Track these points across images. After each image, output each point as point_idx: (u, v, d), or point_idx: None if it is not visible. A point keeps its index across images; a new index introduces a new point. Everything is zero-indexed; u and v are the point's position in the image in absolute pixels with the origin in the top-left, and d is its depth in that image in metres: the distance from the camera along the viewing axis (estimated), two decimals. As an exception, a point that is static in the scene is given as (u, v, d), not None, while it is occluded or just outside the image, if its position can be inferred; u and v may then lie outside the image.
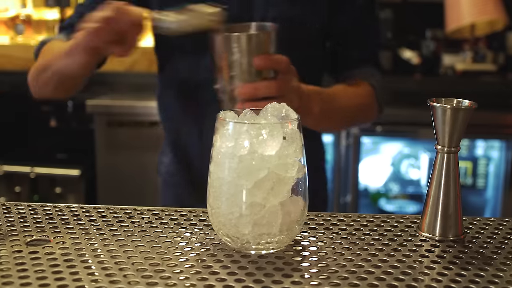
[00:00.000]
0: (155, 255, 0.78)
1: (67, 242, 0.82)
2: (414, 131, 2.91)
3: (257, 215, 0.76)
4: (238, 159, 0.76)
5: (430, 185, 0.88)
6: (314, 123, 1.26)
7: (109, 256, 0.78)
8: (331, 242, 0.85)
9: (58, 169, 3.19)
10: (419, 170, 3.35)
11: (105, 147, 3.14)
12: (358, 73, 1.48)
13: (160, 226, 0.89)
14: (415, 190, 3.39)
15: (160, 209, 0.96)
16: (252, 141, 0.75)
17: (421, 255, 0.81)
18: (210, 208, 0.81)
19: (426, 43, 3.50)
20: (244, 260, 0.77)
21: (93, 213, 0.94)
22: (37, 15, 3.59)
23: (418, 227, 0.90)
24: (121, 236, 0.85)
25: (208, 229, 0.88)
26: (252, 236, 0.78)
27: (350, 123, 1.71)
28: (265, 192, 0.76)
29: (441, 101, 0.85)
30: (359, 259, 0.79)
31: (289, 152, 0.77)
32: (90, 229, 0.87)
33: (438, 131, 0.85)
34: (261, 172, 0.75)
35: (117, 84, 3.52)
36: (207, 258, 0.78)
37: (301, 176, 0.79)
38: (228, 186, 0.77)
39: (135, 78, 3.46)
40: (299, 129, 0.79)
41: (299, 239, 0.86)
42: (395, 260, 0.78)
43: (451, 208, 0.87)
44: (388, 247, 0.83)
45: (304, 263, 0.77)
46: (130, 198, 3.09)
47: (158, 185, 1.70)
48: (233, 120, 0.77)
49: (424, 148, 3.29)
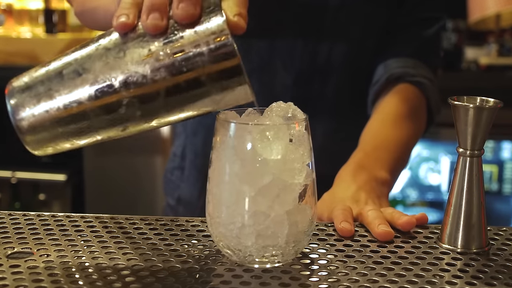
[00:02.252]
0: (149, 269, 0.78)
1: (51, 255, 0.82)
2: (434, 132, 2.91)
3: (261, 225, 0.76)
4: (240, 163, 0.76)
5: (451, 191, 0.88)
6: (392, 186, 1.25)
7: (98, 270, 0.78)
8: (343, 255, 0.84)
9: (41, 174, 3.20)
10: (440, 175, 3.35)
11: (94, 149, 3.14)
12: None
13: (154, 237, 0.89)
14: (435, 196, 3.39)
15: (154, 218, 0.97)
16: (256, 144, 0.75)
17: (442, 269, 0.81)
18: (209, 218, 0.81)
19: (447, 35, 3.50)
20: (246, 275, 0.77)
21: (80, 222, 0.94)
22: (19, 4, 3.59)
23: (438, 238, 0.90)
24: (111, 248, 0.85)
25: (207, 240, 0.88)
26: (256, 248, 0.78)
27: (410, 153, 1.44)
28: (270, 200, 0.76)
29: (463, 99, 0.85)
30: (373, 273, 0.78)
31: (296, 156, 0.77)
32: (77, 240, 0.87)
33: (460, 133, 0.85)
34: (266, 178, 0.75)
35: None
36: (206, 272, 0.78)
37: (310, 182, 0.79)
38: (229, 193, 0.77)
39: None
40: (307, 131, 0.79)
41: (307, 251, 0.86)
42: (412, 275, 0.78)
43: (474, 217, 0.87)
44: (405, 260, 0.83)
45: (313, 277, 0.77)
46: (121, 206, 3.09)
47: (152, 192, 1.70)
48: (235, 121, 0.77)
49: (445, 150, 3.29)
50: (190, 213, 1.53)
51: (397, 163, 1.25)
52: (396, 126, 1.29)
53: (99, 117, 0.77)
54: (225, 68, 0.75)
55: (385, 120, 1.30)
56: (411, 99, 1.34)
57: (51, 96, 0.77)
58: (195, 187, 1.52)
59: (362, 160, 1.17)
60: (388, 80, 1.34)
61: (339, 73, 1.39)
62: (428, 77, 1.37)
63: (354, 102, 1.42)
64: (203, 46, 0.74)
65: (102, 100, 0.76)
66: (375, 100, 1.36)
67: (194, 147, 1.52)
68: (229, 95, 0.77)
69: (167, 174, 1.63)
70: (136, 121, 0.78)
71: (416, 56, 1.38)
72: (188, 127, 1.55)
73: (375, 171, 1.15)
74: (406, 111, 1.31)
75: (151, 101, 0.76)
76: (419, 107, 1.35)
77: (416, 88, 1.34)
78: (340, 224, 0.92)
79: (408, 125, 1.31)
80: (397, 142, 1.27)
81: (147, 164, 3.08)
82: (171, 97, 0.76)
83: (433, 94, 1.36)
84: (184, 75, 0.75)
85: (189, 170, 1.54)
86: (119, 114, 0.77)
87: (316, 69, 1.39)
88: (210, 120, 1.36)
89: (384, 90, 1.35)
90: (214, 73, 0.75)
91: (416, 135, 1.34)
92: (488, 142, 3.09)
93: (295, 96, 1.38)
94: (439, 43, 1.46)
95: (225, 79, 0.75)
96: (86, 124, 0.77)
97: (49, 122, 0.78)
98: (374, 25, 1.39)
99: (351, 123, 1.38)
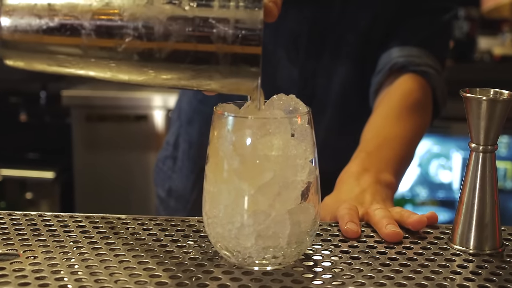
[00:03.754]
0: (142, 272, 0.78)
1: (39, 257, 0.82)
2: (445, 127, 2.91)
3: (261, 225, 0.76)
4: (238, 159, 0.76)
5: (463, 189, 0.88)
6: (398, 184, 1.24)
7: (88, 273, 0.78)
8: (348, 257, 0.85)
9: (29, 171, 3.20)
10: (451, 172, 3.35)
11: (84, 145, 3.14)
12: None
13: (148, 238, 0.89)
14: (446, 195, 3.39)
15: (147, 218, 0.97)
16: (255, 139, 0.75)
17: (453, 271, 0.81)
18: (206, 217, 0.81)
19: (459, 24, 3.49)
20: (246, 278, 0.77)
21: (69, 222, 0.94)
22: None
23: (449, 239, 0.90)
24: (102, 249, 0.85)
25: (204, 241, 0.88)
26: (256, 250, 0.78)
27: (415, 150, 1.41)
28: (270, 199, 0.76)
29: (476, 91, 0.85)
30: (380, 276, 0.78)
31: (298, 152, 0.77)
32: (66, 241, 0.87)
33: (472, 127, 0.85)
34: (266, 175, 0.75)
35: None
36: (203, 275, 0.78)
37: (313, 180, 0.79)
38: (227, 191, 0.77)
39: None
40: (310, 125, 0.79)
41: (310, 252, 0.86)
42: (422, 277, 0.78)
43: (487, 217, 0.87)
44: (414, 262, 0.83)
45: (316, 281, 0.77)
46: (113, 205, 3.10)
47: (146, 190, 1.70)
48: (233, 114, 0.77)
49: (457, 146, 3.29)
50: (182, 206, 1.52)
51: (402, 163, 1.24)
52: (400, 121, 1.28)
53: (93, 49, 0.76)
54: (245, 53, 0.75)
55: (388, 115, 1.29)
56: (415, 90, 1.32)
57: (50, 9, 0.76)
58: (189, 179, 1.52)
59: (365, 161, 1.16)
60: (391, 70, 1.33)
61: (346, 65, 1.39)
62: (434, 66, 1.36)
63: (360, 96, 1.42)
64: (232, 19, 0.74)
65: (104, 28, 0.75)
66: (378, 91, 1.35)
67: (189, 137, 1.52)
68: (236, 81, 0.77)
69: (159, 163, 1.63)
70: (128, 66, 0.77)
71: (422, 45, 1.37)
72: (183, 114, 1.55)
73: (379, 173, 1.14)
74: (410, 105, 1.30)
75: (155, 51, 0.76)
76: (424, 99, 1.34)
77: (421, 78, 1.33)
78: (346, 225, 0.92)
79: (413, 119, 1.30)
80: (401, 139, 1.25)
81: (140, 161, 3.09)
82: (177, 57, 0.76)
83: (439, 84, 1.35)
84: (200, 39, 0.75)
85: (182, 160, 1.54)
86: (115, 51, 0.76)
87: (322, 61, 1.39)
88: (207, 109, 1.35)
89: (387, 80, 1.34)
90: (231, 53, 0.75)
91: (422, 130, 1.33)
92: (502, 137, 3.09)
93: (299, 89, 1.38)
94: (449, 34, 1.46)
95: (240, 64, 0.75)
96: (78, 52, 0.76)
97: (37, 37, 0.76)
98: (384, 14, 1.39)
99: (356, 119, 1.38)
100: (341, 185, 1.12)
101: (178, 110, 1.60)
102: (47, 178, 3.17)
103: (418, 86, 1.33)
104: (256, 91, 0.78)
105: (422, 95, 1.33)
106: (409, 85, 1.32)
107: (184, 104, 1.56)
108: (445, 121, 2.80)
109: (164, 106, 3.04)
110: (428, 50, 1.37)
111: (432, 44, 1.39)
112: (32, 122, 3.48)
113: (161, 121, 3.06)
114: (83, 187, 3.15)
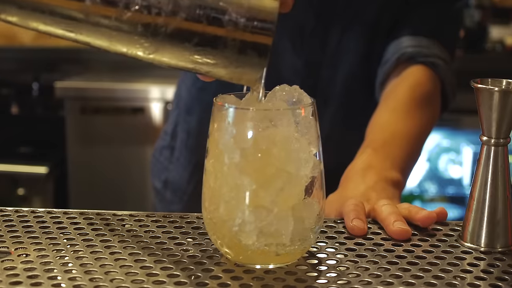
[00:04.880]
0: (139, 270, 0.78)
1: (31, 255, 0.82)
2: (455, 120, 2.91)
3: (263, 221, 0.76)
4: (239, 153, 0.76)
5: (474, 184, 0.88)
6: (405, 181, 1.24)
7: (82, 271, 0.78)
8: (354, 254, 0.85)
9: (21, 166, 3.20)
10: (461, 167, 3.35)
11: (78, 139, 3.14)
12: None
13: (144, 235, 0.89)
14: (456, 191, 3.39)
15: (144, 214, 0.97)
16: (257, 131, 0.75)
17: (463, 269, 0.81)
18: (205, 213, 0.81)
19: (470, 12, 3.49)
20: (247, 276, 0.77)
21: (63, 219, 0.94)
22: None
23: (459, 236, 0.90)
24: (97, 247, 0.85)
25: (203, 238, 0.88)
26: (257, 247, 0.78)
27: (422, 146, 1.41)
28: (273, 194, 0.76)
29: (487, 82, 0.85)
30: (387, 274, 0.78)
31: (302, 145, 0.77)
32: (59, 238, 0.87)
33: (483, 119, 0.85)
34: (268, 169, 0.75)
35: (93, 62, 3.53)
36: (202, 274, 0.78)
37: (317, 174, 0.79)
38: (227, 187, 0.77)
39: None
40: (314, 117, 0.79)
41: (315, 250, 0.86)
42: (431, 276, 0.78)
43: (499, 213, 0.87)
44: (423, 260, 0.83)
45: (321, 279, 0.77)
46: (108, 200, 3.10)
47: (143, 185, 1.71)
48: (234, 106, 0.77)
49: (467, 140, 3.29)
50: (178, 198, 1.52)
51: (409, 160, 1.24)
52: (408, 116, 1.27)
53: (96, 15, 0.75)
54: (255, 42, 0.75)
55: (395, 109, 1.29)
56: (424, 83, 1.32)
57: None
58: (186, 170, 1.52)
59: (371, 158, 1.16)
60: (398, 60, 1.32)
61: (351, 56, 1.39)
62: (444, 57, 1.35)
63: (366, 89, 1.41)
64: (247, 6, 0.74)
65: None
66: (384, 82, 1.34)
67: (187, 126, 1.52)
68: (240, 69, 0.77)
69: (156, 153, 1.63)
70: (130, 38, 0.76)
71: (432, 35, 1.36)
72: (182, 102, 1.55)
73: (385, 171, 1.14)
74: (418, 98, 1.29)
75: (161, 26, 0.75)
76: (433, 92, 1.33)
77: (430, 70, 1.32)
78: (352, 222, 0.92)
79: (421, 114, 1.29)
80: (408, 135, 1.25)
81: (137, 155, 3.09)
82: (183, 35, 0.75)
83: (448, 76, 1.35)
84: (211, 21, 0.74)
85: (180, 150, 1.54)
86: (119, 20, 0.75)
87: (327, 51, 1.38)
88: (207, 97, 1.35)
89: (394, 71, 1.34)
90: (241, 40, 0.75)
91: (430, 125, 1.32)
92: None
93: (303, 80, 1.38)
94: (459, 23, 1.45)
95: (248, 52, 0.75)
96: (79, 16, 0.75)
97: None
98: (391, 3, 1.38)
99: (361, 112, 1.38)
100: (346, 182, 1.12)
101: (177, 98, 1.60)
102: (39, 173, 3.17)
103: (427, 78, 1.32)
104: (258, 82, 0.78)
105: (431, 88, 1.33)
106: (418, 77, 1.32)
107: (183, 92, 1.56)
108: (455, 113, 2.79)
109: (162, 98, 3.04)
110: (437, 40, 1.37)
111: (441, 34, 1.39)
112: (24, 115, 3.49)
113: (159, 114, 3.06)
114: (77, 182, 3.16)
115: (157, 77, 3.18)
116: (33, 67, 3.58)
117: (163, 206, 1.58)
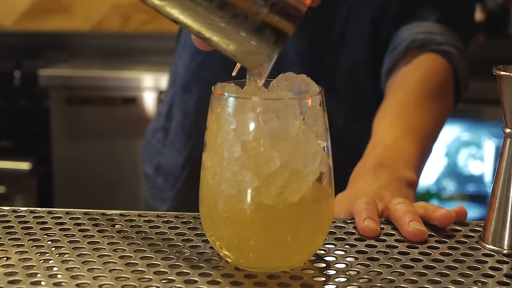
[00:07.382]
0: (130, 274, 0.78)
1: (12, 258, 0.82)
2: (476, 110, 2.91)
3: (266, 221, 0.76)
4: (240, 146, 0.76)
5: (496, 181, 0.88)
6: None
7: (69, 276, 0.78)
8: (365, 257, 0.85)
9: (1, 162, 3.20)
10: (482, 163, 3.35)
11: (64, 131, 3.14)
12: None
13: (136, 236, 0.90)
14: (476, 188, 3.39)
15: (136, 213, 0.97)
16: (259, 123, 0.75)
17: (485, 274, 0.81)
18: (203, 213, 0.81)
19: (492, -6, 3.50)
20: (248, 281, 0.77)
21: (47, 219, 0.95)
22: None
23: (480, 237, 0.90)
24: (85, 249, 0.85)
25: (200, 240, 0.89)
26: (260, 249, 0.78)
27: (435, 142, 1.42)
28: (276, 191, 0.76)
29: (511, 69, 0.85)
30: (401, 279, 0.79)
31: (308, 138, 0.77)
32: (43, 240, 0.88)
33: (507, 109, 0.85)
34: (272, 164, 0.75)
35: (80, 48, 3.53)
36: (199, 278, 0.78)
37: (325, 170, 0.79)
38: (227, 183, 0.77)
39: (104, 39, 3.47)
40: (322, 107, 0.79)
41: (323, 253, 0.86)
42: (449, 281, 0.78)
43: (524, 213, 0.87)
44: (440, 263, 0.83)
45: (329, 284, 0.78)
46: (97, 199, 3.10)
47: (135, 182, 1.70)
48: (234, 95, 0.77)
49: (489, 133, 3.29)
50: (171, 185, 1.52)
51: (423, 157, 1.24)
52: (420, 109, 1.27)
53: None
54: (276, 26, 0.76)
55: (406, 101, 1.29)
56: (436, 73, 1.32)
57: None
58: (181, 154, 1.51)
59: (383, 156, 1.16)
60: (408, 47, 1.32)
61: (357, 42, 1.39)
62: (457, 46, 1.35)
63: (373, 77, 1.41)
64: None
65: None
66: (391, 70, 1.34)
67: (184, 106, 1.51)
68: (249, 48, 0.77)
69: (147, 136, 1.63)
70: None
71: (445, 21, 1.36)
72: (178, 80, 1.53)
73: (399, 169, 1.13)
74: (431, 89, 1.30)
75: None
76: (446, 83, 1.33)
77: (443, 59, 1.32)
78: (364, 223, 0.92)
79: (434, 107, 1.29)
80: (421, 130, 1.25)
81: (128, 149, 3.09)
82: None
83: (462, 66, 1.34)
84: None
85: (175, 133, 1.54)
86: None
87: (332, 36, 1.38)
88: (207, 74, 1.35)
89: (403, 59, 1.33)
90: (262, 19, 0.75)
91: (443, 119, 1.33)
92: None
93: (306, 67, 1.38)
94: (473, 8, 1.45)
95: (265, 33, 0.76)
96: None
97: None
98: None
99: (368, 102, 1.38)
100: (356, 181, 1.12)
101: (173, 75, 1.58)
102: (22, 169, 3.17)
103: (440, 68, 1.32)
104: (262, 68, 0.78)
105: (444, 79, 1.33)
106: (430, 67, 1.32)
107: (180, 68, 1.54)
108: (475, 104, 2.79)
109: (155, 87, 3.04)
110: (451, 26, 1.37)
111: (455, 20, 1.38)
112: (5, 106, 3.48)
113: (152, 105, 3.06)
114: (63, 179, 3.16)
115: (151, 64, 3.19)
116: (14, 53, 3.58)
117: (153, 194, 1.58)
